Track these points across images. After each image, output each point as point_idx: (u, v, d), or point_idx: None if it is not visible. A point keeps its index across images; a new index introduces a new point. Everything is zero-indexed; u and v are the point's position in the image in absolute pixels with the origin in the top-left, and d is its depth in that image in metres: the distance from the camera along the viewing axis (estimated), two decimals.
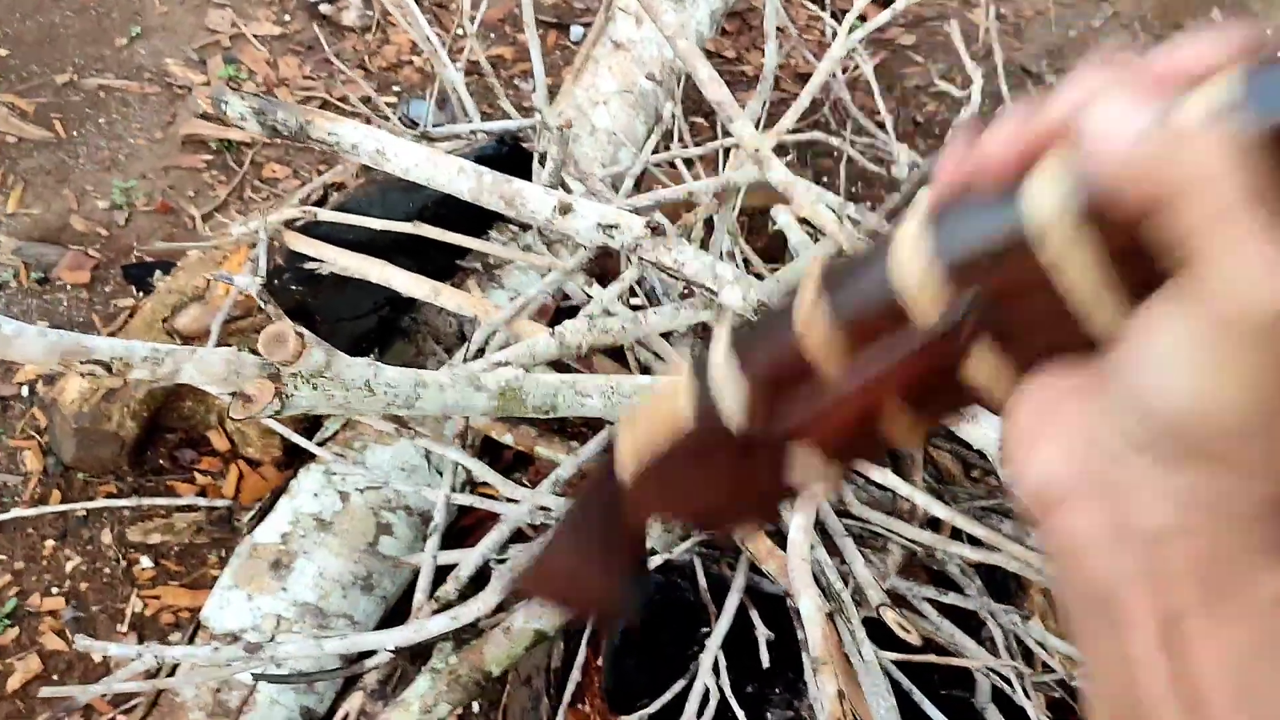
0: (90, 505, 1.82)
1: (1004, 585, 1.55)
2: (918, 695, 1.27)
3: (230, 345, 1.06)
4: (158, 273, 1.95)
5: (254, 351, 0.96)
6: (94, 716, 1.68)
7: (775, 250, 2.07)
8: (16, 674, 1.70)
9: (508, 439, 1.53)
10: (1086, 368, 0.35)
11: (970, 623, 1.41)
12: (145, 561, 1.83)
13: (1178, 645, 0.32)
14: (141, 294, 2.05)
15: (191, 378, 0.94)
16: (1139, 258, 0.32)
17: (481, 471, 1.18)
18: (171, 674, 1.33)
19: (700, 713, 1.08)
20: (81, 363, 0.90)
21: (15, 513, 1.80)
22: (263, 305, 1.00)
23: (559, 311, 1.68)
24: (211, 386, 0.95)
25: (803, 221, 1.66)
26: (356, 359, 0.96)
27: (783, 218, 1.63)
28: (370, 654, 1.20)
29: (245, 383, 0.94)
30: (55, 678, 1.71)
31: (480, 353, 1.25)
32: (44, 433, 1.91)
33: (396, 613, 1.65)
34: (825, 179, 2.42)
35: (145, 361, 0.91)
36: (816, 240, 1.53)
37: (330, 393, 0.96)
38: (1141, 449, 0.33)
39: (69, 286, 2.09)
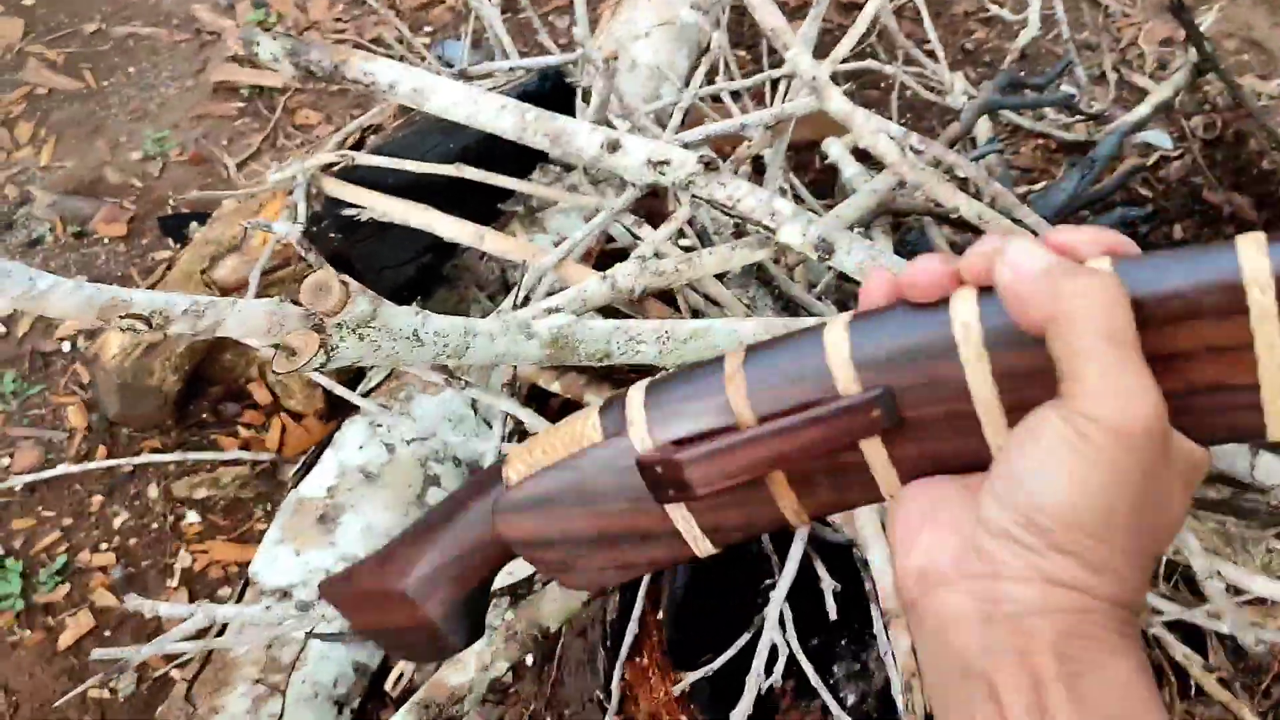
0: (136, 461, 1.81)
1: None
2: None
3: (271, 296, 1.02)
4: (194, 224, 1.92)
5: (296, 302, 0.92)
6: (147, 671, 1.68)
7: (825, 186, 2.00)
8: (69, 630, 1.70)
9: (555, 387, 1.49)
10: (964, 477, 0.43)
11: None
12: (192, 516, 1.82)
13: (1041, 715, 0.37)
14: (178, 245, 2.02)
15: (233, 331, 0.90)
16: (1028, 382, 0.41)
17: (532, 421, 1.14)
18: (222, 632, 1.31)
19: (768, 668, 1.05)
20: (120, 317, 0.86)
21: (61, 469, 1.79)
22: (303, 253, 0.96)
23: (603, 255, 1.62)
24: (254, 340, 0.91)
25: (856, 154, 1.59)
26: (403, 308, 0.92)
27: (835, 150, 1.56)
28: None
29: (289, 335, 0.90)
30: (107, 634, 1.70)
31: (527, 300, 1.20)
32: (87, 389, 1.90)
33: None
34: (874, 112, 2.34)
35: (185, 315, 0.87)
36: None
37: (377, 343, 0.91)
38: (1012, 538, 0.39)
39: (106, 240, 2.07)
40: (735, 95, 1.75)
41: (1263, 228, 2.31)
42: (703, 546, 0.48)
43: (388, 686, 1.22)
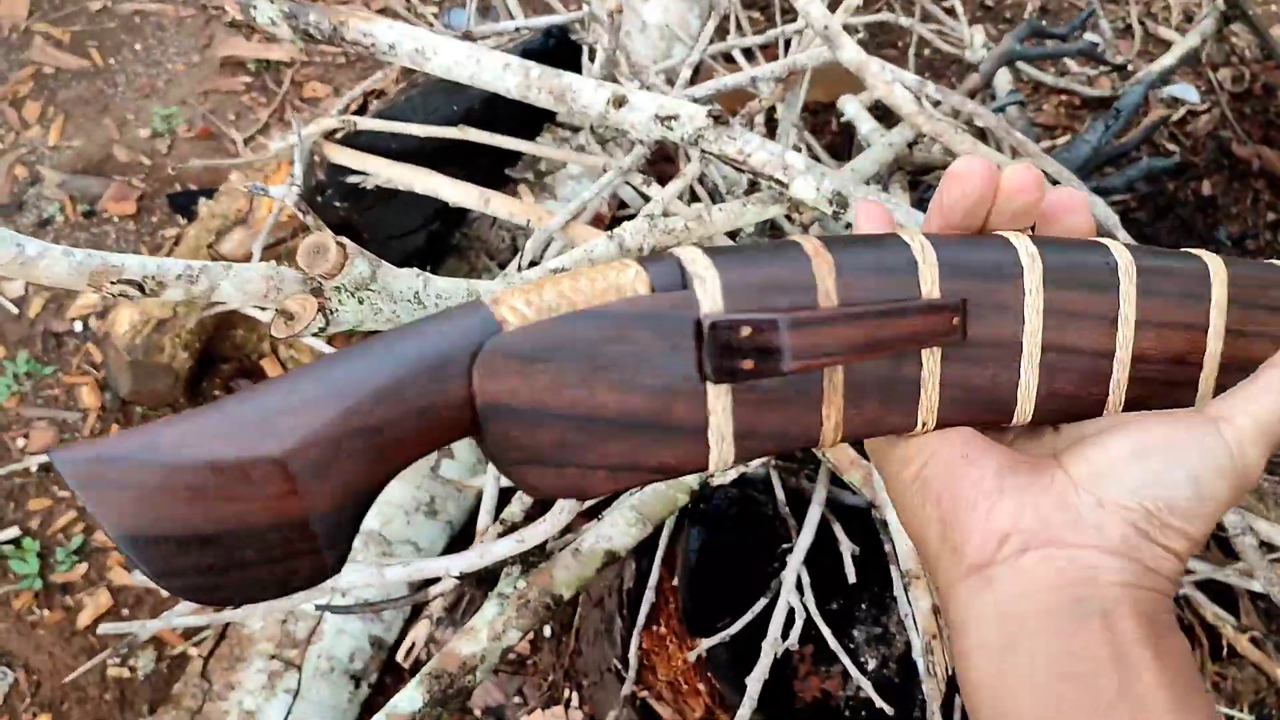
0: None
1: None
2: None
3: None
4: (202, 200, 1.90)
5: (294, 266, 0.90)
6: (164, 649, 1.67)
7: (841, 147, 1.96)
8: (87, 609, 1.70)
9: None
10: (1026, 450, 0.47)
11: None
12: None
13: (1126, 667, 0.40)
14: (187, 222, 2.01)
15: (229, 296, 0.88)
16: (1071, 321, 0.45)
17: None
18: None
19: (785, 633, 1.02)
20: (112, 283, 0.84)
21: None
22: (302, 215, 0.93)
23: (614, 222, 1.59)
24: (251, 304, 0.89)
25: (873, 113, 1.55)
26: (403, 269, 0.90)
27: (850, 107, 1.52)
28: (435, 581, 1.15)
29: (286, 299, 0.88)
30: (125, 612, 1.70)
31: (535, 263, 1.17)
32: (99, 368, 1.88)
33: (463, 538, 1.61)
34: None
35: (179, 280, 0.85)
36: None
37: (377, 306, 0.89)
38: (1128, 522, 0.42)
39: (116, 218, 2.05)
40: (748, 55, 1.71)
41: None
42: (724, 453, 0.42)
43: (399, 658, 1.21)
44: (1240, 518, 1.08)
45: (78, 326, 1.94)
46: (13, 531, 1.74)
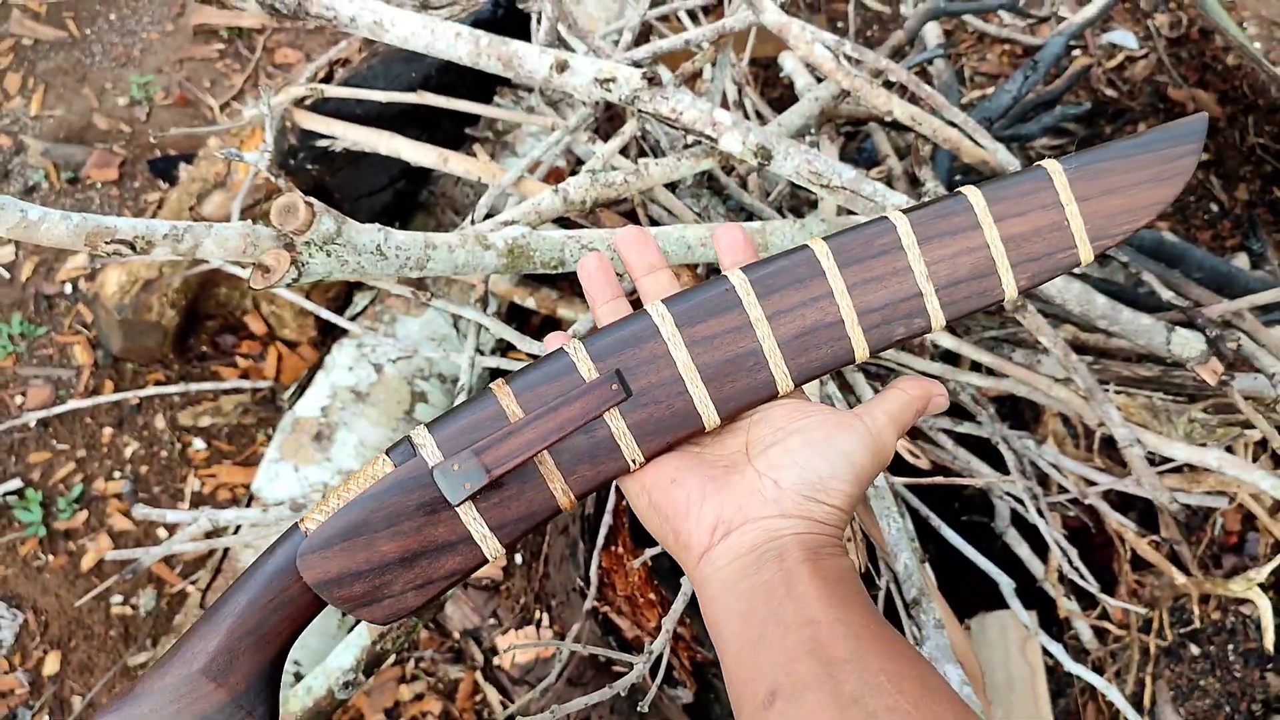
0: (142, 393, 1.91)
1: (1018, 414, 1.59)
2: (935, 520, 1.32)
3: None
4: (182, 164, 1.99)
5: (268, 224, 1.00)
6: (164, 588, 1.79)
7: (790, 101, 2.06)
8: (89, 554, 1.82)
9: (530, 302, 1.58)
10: (710, 468, 0.61)
11: (987, 450, 1.45)
12: (198, 443, 1.92)
13: (790, 585, 0.56)
14: (168, 186, 2.10)
15: (211, 252, 0.98)
16: (711, 346, 0.62)
17: (498, 329, 1.22)
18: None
19: None
20: (106, 243, 0.94)
21: (72, 404, 1.89)
22: (273, 179, 1.03)
23: (572, 175, 1.69)
24: (230, 259, 0.99)
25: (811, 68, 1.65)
26: (366, 225, 1.00)
27: (788, 64, 1.62)
28: None
29: (262, 254, 0.98)
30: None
31: (490, 216, 1.28)
32: (90, 327, 1.99)
33: None
34: (840, 24, 2.38)
35: (166, 239, 0.95)
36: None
37: (344, 258, 0.99)
38: (800, 494, 0.58)
39: (99, 185, 2.14)
40: (694, 16, 1.80)
41: (1226, 123, 2.36)
42: (491, 546, 0.59)
43: None
44: (1128, 431, 1.20)
45: (68, 289, 2.03)
46: (15, 483, 1.85)
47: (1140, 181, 0.62)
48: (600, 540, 1.36)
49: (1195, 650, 1.60)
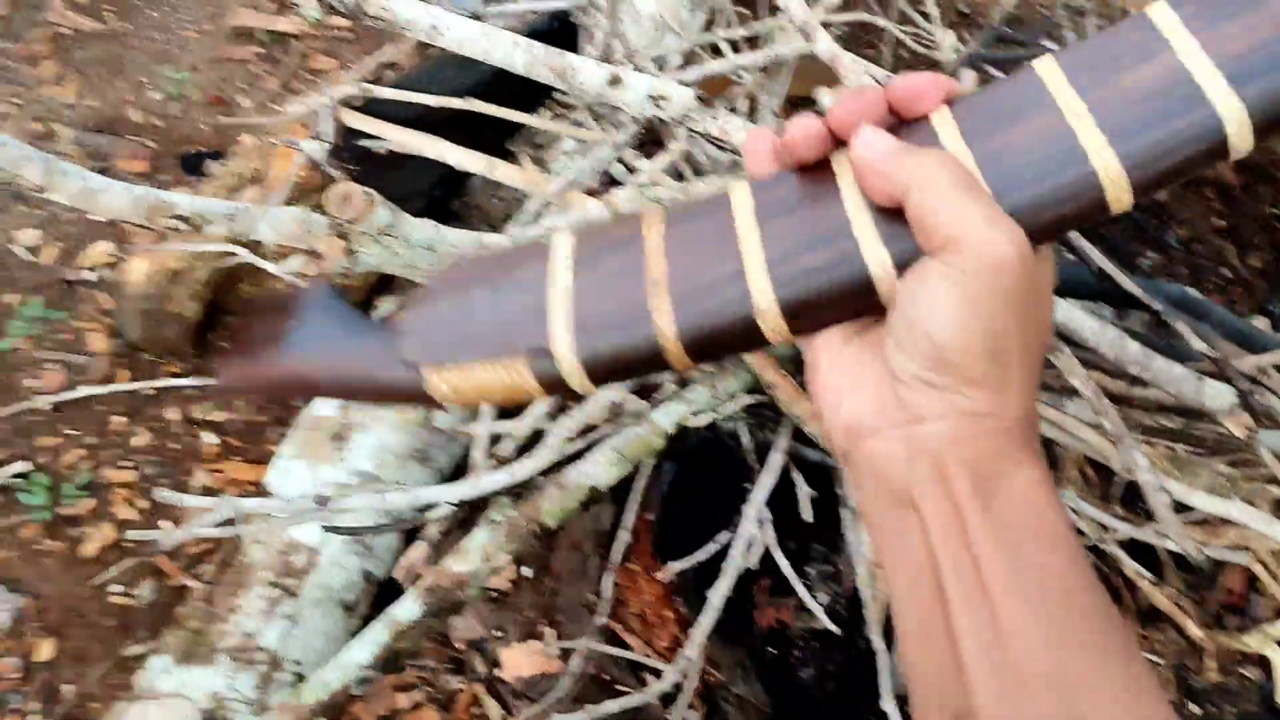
0: (156, 384, 1.90)
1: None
2: None
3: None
4: (209, 161, 2.00)
5: (322, 211, 1.01)
6: (164, 579, 1.78)
7: None
8: (93, 541, 1.80)
9: None
10: (861, 335, 0.48)
11: None
12: (210, 438, 1.91)
13: (961, 533, 0.43)
14: (197, 181, 2.11)
15: (265, 235, 0.99)
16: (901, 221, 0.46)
17: None
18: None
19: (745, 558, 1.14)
20: (166, 217, 0.95)
21: (84, 390, 1.88)
22: (329, 170, 1.04)
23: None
24: (282, 243, 1.00)
25: None
26: (420, 220, 1.01)
27: (825, 100, 1.64)
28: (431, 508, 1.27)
29: (315, 240, 0.99)
30: (130, 545, 1.80)
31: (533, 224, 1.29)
32: (110, 315, 1.98)
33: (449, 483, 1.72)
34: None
35: (223, 218, 0.96)
36: None
37: (395, 251, 1.00)
38: (925, 383, 0.44)
39: (128, 176, 2.15)
40: (734, 47, 1.83)
41: (1241, 191, 2.40)
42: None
43: (396, 574, 1.31)
44: (1155, 478, 1.21)
45: (90, 275, 2.03)
46: (23, 466, 1.84)
47: None
48: (617, 556, 1.36)
49: (1196, 710, 1.60)
